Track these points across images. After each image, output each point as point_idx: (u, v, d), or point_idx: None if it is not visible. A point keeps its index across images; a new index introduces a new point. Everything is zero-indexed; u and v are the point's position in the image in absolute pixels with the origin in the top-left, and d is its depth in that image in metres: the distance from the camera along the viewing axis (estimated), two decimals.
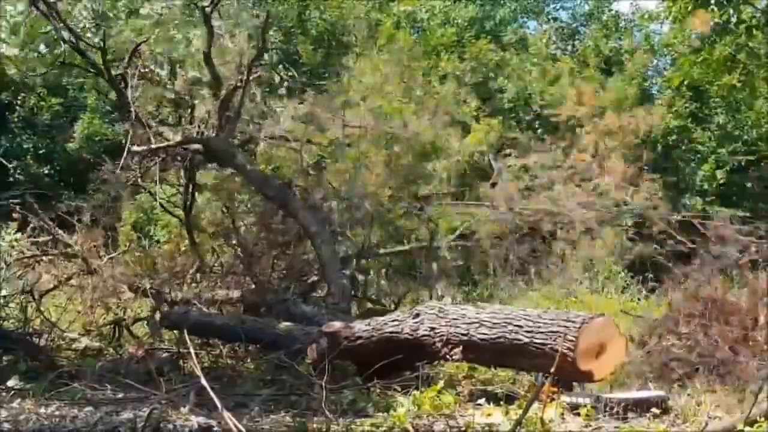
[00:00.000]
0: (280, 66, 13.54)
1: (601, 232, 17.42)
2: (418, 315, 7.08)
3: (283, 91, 13.56)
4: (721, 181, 20.78)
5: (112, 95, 12.21)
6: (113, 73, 10.92)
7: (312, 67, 22.78)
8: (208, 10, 10.46)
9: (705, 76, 20.10)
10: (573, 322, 6.30)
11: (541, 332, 6.38)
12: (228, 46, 11.33)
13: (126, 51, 11.04)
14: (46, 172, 20.86)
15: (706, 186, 20.76)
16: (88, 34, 10.87)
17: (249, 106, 11.46)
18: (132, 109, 10.51)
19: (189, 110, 11.27)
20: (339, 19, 24.79)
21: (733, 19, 12.12)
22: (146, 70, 11.41)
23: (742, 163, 21.27)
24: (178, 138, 10.66)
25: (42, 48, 11.02)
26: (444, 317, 6.94)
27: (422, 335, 6.92)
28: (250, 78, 10.74)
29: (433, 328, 6.89)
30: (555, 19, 29.92)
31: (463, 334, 6.74)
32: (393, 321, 7.24)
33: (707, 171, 20.94)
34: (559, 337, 6.16)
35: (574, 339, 6.13)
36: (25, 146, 21.05)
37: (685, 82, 20.67)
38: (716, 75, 13.17)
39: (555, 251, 15.78)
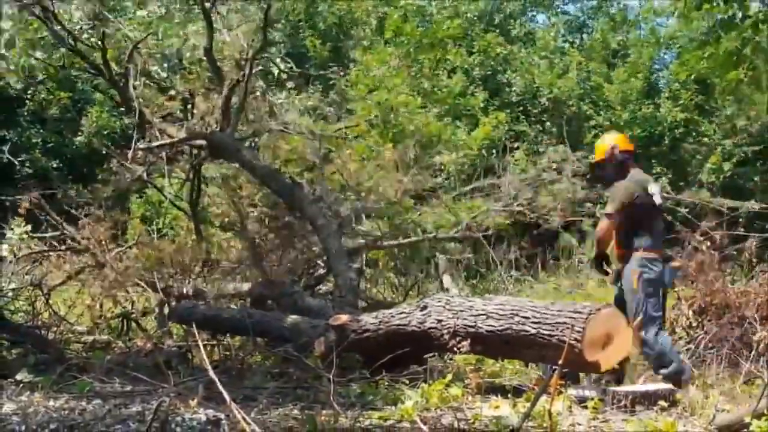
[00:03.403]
0: (279, 60, 13.50)
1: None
2: (425, 307, 7.08)
3: (291, 84, 13.58)
4: (728, 174, 20.72)
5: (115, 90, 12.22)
6: (114, 71, 10.94)
7: (320, 60, 22.83)
8: (207, 5, 10.46)
9: (711, 72, 20.02)
10: (580, 313, 6.29)
11: (548, 323, 6.38)
12: (229, 41, 11.33)
13: (125, 49, 11.06)
14: (55, 166, 20.92)
15: (713, 179, 20.70)
16: (85, 35, 10.89)
17: (253, 100, 11.46)
18: (135, 105, 10.53)
19: (192, 106, 11.27)
20: (347, 13, 24.81)
21: (739, 14, 12.05)
22: (146, 66, 11.43)
23: (749, 155, 21.21)
24: (183, 134, 10.66)
25: (39, 54, 11.01)
26: (451, 309, 6.94)
27: (429, 327, 6.92)
28: (253, 72, 10.73)
29: (440, 320, 6.90)
30: (564, 13, 29.94)
31: (470, 326, 6.75)
32: (400, 313, 7.25)
33: (714, 164, 20.88)
34: (567, 328, 6.16)
35: (581, 330, 6.13)
36: (33, 140, 21.10)
37: (692, 77, 20.64)
38: (723, 70, 13.09)
39: (562, 244, 15.83)
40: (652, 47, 24.60)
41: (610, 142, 7.76)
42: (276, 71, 13.03)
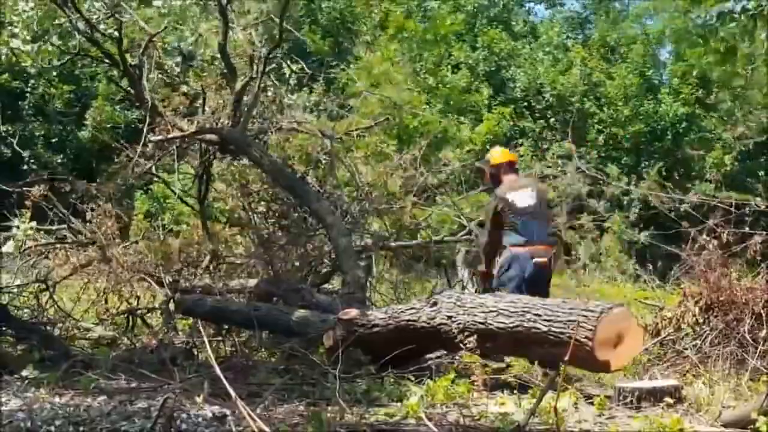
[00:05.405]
0: (289, 61, 13.51)
1: (609, 221, 17.45)
2: (435, 303, 7.07)
3: (293, 80, 13.57)
4: (732, 169, 20.69)
5: (124, 83, 12.24)
6: (129, 63, 10.96)
7: (322, 56, 22.79)
8: (224, 1, 10.47)
9: (711, 66, 20.01)
10: (592, 311, 6.27)
11: (560, 321, 6.36)
12: (242, 38, 11.33)
13: (140, 41, 11.08)
14: (59, 160, 20.93)
15: (716, 173, 20.67)
16: (102, 25, 10.90)
17: (264, 97, 11.47)
18: (147, 98, 10.55)
19: (203, 102, 11.29)
20: (347, 7, 24.78)
21: (737, 8, 12.01)
22: (161, 59, 11.46)
23: (750, 148, 21.18)
24: (194, 128, 10.67)
25: (56, 40, 11.03)
26: (462, 306, 6.93)
27: (439, 323, 6.90)
28: (266, 69, 10.75)
29: (450, 317, 6.88)
30: (562, 5, 29.98)
31: (480, 323, 6.73)
32: (410, 309, 7.23)
33: (716, 157, 20.84)
34: (578, 326, 6.14)
35: (592, 328, 6.11)
36: (36, 134, 21.11)
37: (694, 73, 20.62)
38: (721, 63, 13.08)
39: (565, 241, 15.80)
40: (643, 44, 24.60)
41: (488, 156, 9.04)
42: (288, 72, 13.03)
